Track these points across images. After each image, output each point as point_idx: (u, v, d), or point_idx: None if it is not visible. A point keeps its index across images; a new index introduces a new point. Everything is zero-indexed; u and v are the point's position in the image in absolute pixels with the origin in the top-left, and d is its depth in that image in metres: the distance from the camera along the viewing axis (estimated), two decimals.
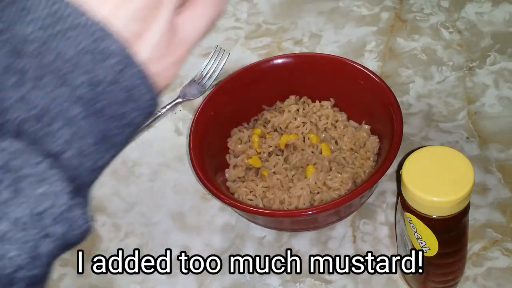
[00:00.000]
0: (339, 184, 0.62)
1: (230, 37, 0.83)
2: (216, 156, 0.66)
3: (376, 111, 0.64)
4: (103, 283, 0.62)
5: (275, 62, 0.69)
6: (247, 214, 0.62)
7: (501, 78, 0.73)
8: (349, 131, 0.66)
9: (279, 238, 0.63)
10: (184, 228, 0.65)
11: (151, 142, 0.73)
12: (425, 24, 0.80)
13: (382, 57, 0.77)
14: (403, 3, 0.83)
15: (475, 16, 0.80)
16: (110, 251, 0.64)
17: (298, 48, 0.80)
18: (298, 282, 0.60)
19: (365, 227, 0.63)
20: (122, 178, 0.70)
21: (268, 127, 0.68)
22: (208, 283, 0.61)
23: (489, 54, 0.75)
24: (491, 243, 0.60)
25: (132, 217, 0.67)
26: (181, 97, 0.76)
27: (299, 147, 0.66)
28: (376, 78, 0.64)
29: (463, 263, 0.54)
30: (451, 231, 0.50)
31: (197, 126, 0.64)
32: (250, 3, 0.87)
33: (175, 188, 0.69)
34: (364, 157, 0.64)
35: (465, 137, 0.68)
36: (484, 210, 0.62)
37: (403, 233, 0.52)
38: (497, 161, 0.65)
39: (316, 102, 0.69)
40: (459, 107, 0.71)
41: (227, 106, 0.67)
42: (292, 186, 0.62)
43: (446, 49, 0.77)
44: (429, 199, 0.46)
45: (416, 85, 0.73)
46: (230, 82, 0.68)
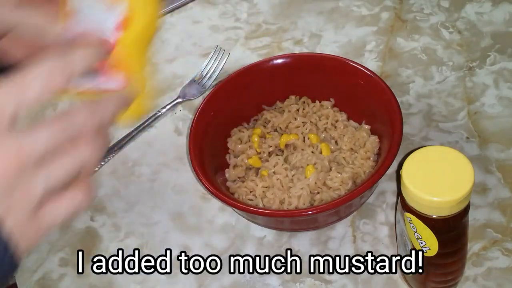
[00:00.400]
0: (339, 184, 0.62)
1: (230, 37, 0.83)
2: (216, 156, 0.66)
3: (376, 111, 0.64)
4: (103, 283, 0.62)
5: (275, 62, 0.69)
6: (247, 214, 0.62)
7: (501, 78, 0.73)
8: (349, 131, 0.66)
9: (279, 238, 0.63)
10: (184, 228, 0.65)
11: (151, 142, 0.73)
12: (425, 24, 0.80)
13: (382, 57, 0.77)
14: (403, 3, 0.83)
15: (475, 16, 0.80)
16: (110, 251, 0.64)
17: (298, 48, 0.80)
18: (298, 282, 0.60)
19: (365, 227, 0.63)
20: (122, 178, 0.70)
21: (268, 127, 0.68)
22: (208, 283, 0.61)
23: (489, 54, 0.75)
24: (491, 243, 0.60)
25: (132, 217, 0.67)
26: (181, 97, 0.76)
27: (299, 147, 0.66)
28: (376, 78, 0.64)
29: (463, 263, 0.54)
30: (451, 231, 0.50)
31: (197, 126, 0.64)
32: (250, 3, 0.87)
33: (175, 188, 0.69)
34: (364, 157, 0.64)
35: (465, 137, 0.68)
36: (484, 210, 0.62)
37: (403, 233, 0.52)
38: (497, 161, 0.65)
39: (316, 102, 0.69)
40: (459, 107, 0.71)
41: (227, 106, 0.67)
42: (292, 186, 0.62)
43: (446, 49, 0.77)
44: (429, 199, 0.46)
45: (416, 85, 0.73)
46: (230, 82, 0.68)
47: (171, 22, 0.87)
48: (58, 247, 0.66)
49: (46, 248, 0.66)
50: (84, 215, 0.68)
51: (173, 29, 0.86)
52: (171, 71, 0.81)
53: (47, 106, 0.79)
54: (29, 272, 0.64)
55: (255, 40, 0.82)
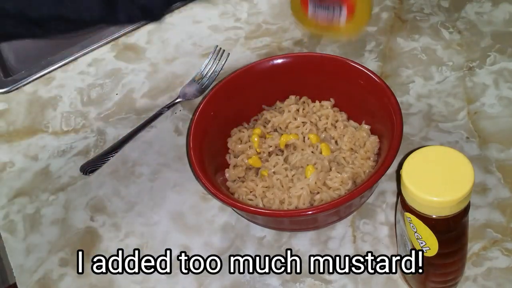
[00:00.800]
0: (339, 184, 0.62)
1: (230, 37, 0.83)
2: (216, 156, 0.66)
3: (376, 111, 0.64)
4: (103, 283, 0.62)
5: (275, 62, 0.69)
6: (247, 214, 0.62)
7: (501, 78, 0.73)
8: (349, 131, 0.66)
9: (279, 238, 0.63)
10: (184, 228, 0.65)
11: (151, 142, 0.73)
12: (425, 24, 0.80)
13: (382, 57, 0.77)
14: (403, 3, 0.83)
15: (475, 16, 0.80)
16: (110, 251, 0.64)
17: (298, 48, 0.80)
18: (298, 282, 0.60)
19: (365, 227, 0.63)
20: (122, 178, 0.70)
21: (268, 127, 0.68)
22: (208, 283, 0.61)
23: (489, 54, 0.75)
24: (491, 243, 0.60)
25: (132, 217, 0.67)
26: (181, 97, 0.76)
27: (299, 147, 0.66)
28: (376, 78, 0.64)
29: (463, 263, 0.54)
30: (451, 231, 0.50)
31: (197, 126, 0.64)
32: (250, 3, 0.87)
33: (175, 188, 0.69)
34: (364, 157, 0.64)
35: (465, 137, 0.68)
36: (484, 210, 0.62)
37: (403, 233, 0.52)
38: (497, 161, 0.65)
39: (316, 102, 0.69)
40: (459, 107, 0.71)
41: (227, 106, 0.67)
42: (292, 186, 0.62)
43: (446, 49, 0.77)
44: (429, 199, 0.46)
45: (416, 85, 0.73)
46: (230, 82, 0.68)
47: (171, 22, 0.87)
48: (58, 247, 0.66)
49: (46, 248, 0.66)
50: (84, 215, 0.68)
51: (173, 29, 0.86)
52: (171, 71, 0.81)
53: (47, 106, 0.79)
54: (29, 272, 0.64)
55: (255, 40, 0.82)
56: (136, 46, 0.85)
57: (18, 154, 0.75)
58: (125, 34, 0.86)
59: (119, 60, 0.83)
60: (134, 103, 0.78)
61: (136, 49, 0.84)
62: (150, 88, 0.79)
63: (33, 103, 0.80)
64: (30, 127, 0.77)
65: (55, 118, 0.78)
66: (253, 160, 0.66)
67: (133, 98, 0.78)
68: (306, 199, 0.61)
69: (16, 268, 0.65)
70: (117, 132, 0.75)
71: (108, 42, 0.85)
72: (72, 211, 0.68)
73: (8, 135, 0.77)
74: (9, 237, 0.67)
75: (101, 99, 0.79)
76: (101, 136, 0.75)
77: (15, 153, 0.75)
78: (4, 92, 0.82)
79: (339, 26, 0.74)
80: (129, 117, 0.76)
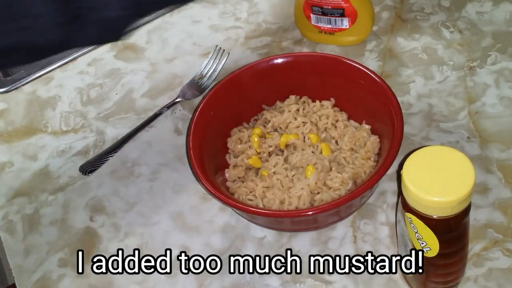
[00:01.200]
0: (339, 184, 0.61)
1: (230, 37, 0.83)
2: (216, 156, 0.66)
3: (377, 111, 0.64)
4: (103, 283, 0.62)
5: (275, 62, 0.68)
6: (247, 214, 0.62)
7: (502, 78, 0.72)
8: (349, 131, 0.66)
9: (279, 238, 0.63)
10: (184, 228, 0.65)
11: (151, 142, 0.73)
12: (425, 24, 0.80)
13: (383, 56, 0.77)
14: (404, 3, 0.83)
15: (475, 16, 0.80)
16: (110, 251, 0.64)
17: (298, 48, 0.80)
18: (298, 282, 0.59)
19: (365, 227, 0.62)
20: (122, 178, 0.70)
21: (268, 127, 0.68)
22: (208, 283, 0.61)
23: (490, 53, 0.75)
24: (492, 243, 0.59)
25: (132, 217, 0.67)
26: (181, 97, 0.76)
27: (299, 147, 0.65)
28: (376, 78, 0.64)
29: (463, 264, 0.54)
30: (452, 231, 0.49)
31: (197, 126, 0.64)
32: (250, 2, 0.87)
33: (175, 188, 0.69)
34: (365, 157, 0.64)
35: (466, 137, 0.68)
36: (485, 210, 0.62)
37: (404, 233, 0.52)
38: (498, 161, 0.65)
39: (316, 102, 0.69)
40: (459, 107, 0.70)
41: (227, 106, 0.67)
42: (292, 186, 0.62)
43: (447, 49, 0.77)
44: (429, 199, 0.46)
45: (417, 85, 0.73)
46: (230, 82, 0.68)
47: (171, 22, 0.87)
48: (58, 247, 0.65)
49: (46, 248, 0.65)
50: (83, 215, 0.67)
51: (173, 29, 0.86)
52: (171, 71, 0.81)
53: (46, 106, 0.79)
54: (28, 272, 0.64)
55: (255, 40, 0.82)
56: (136, 45, 0.85)
57: (17, 154, 0.75)
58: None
59: (119, 59, 0.83)
60: (133, 103, 0.78)
61: (136, 49, 0.84)
62: (150, 88, 0.79)
63: (32, 103, 0.80)
64: (29, 127, 0.77)
65: (54, 118, 0.78)
66: (253, 160, 0.66)
67: (133, 98, 0.78)
68: (306, 199, 0.61)
69: (15, 268, 0.65)
70: (117, 132, 0.74)
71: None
72: (72, 211, 0.68)
73: (7, 135, 0.77)
74: (8, 237, 0.67)
75: (100, 99, 0.79)
76: (101, 136, 0.75)
77: (14, 153, 0.75)
78: (3, 91, 0.82)
79: (341, 36, 0.76)
80: (129, 117, 0.76)
